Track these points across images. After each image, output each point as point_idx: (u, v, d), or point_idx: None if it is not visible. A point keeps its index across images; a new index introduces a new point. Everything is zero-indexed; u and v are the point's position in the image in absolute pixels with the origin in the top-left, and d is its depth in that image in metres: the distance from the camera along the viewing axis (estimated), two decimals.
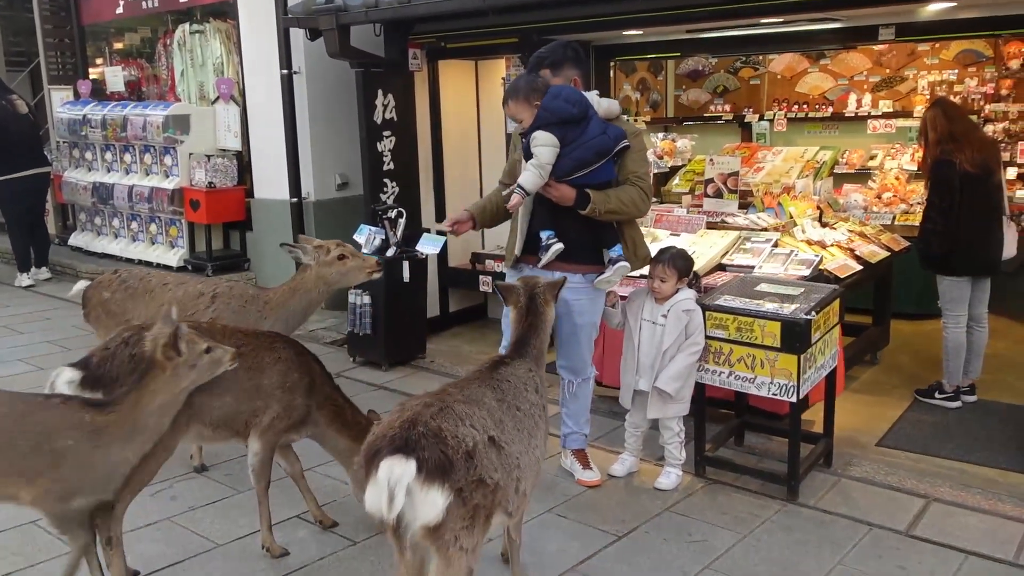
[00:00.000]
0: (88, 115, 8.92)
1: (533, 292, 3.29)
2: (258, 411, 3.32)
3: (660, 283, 4.02)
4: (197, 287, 4.26)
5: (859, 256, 5.34)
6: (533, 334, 3.21)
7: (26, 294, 8.32)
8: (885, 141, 8.01)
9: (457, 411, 2.51)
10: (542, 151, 3.71)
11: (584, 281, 3.96)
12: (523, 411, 2.81)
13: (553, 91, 3.79)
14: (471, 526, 2.40)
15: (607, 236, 3.93)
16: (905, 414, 5.02)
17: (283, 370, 3.35)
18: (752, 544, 3.57)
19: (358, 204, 7.00)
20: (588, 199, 3.76)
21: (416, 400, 2.57)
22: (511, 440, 2.64)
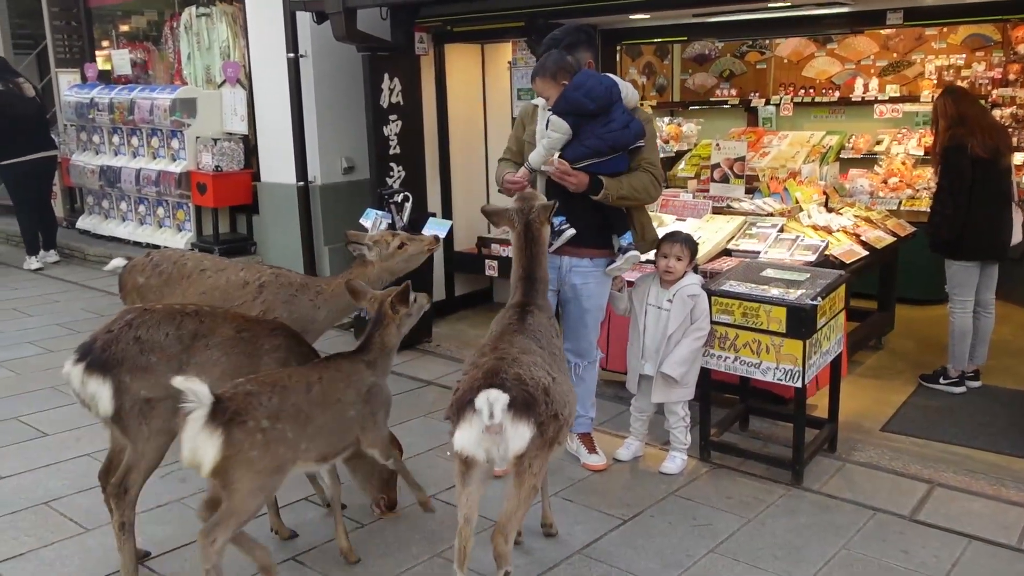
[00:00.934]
0: (95, 98, 8.92)
1: (528, 218, 3.36)
2: None
3: (676, 262, 4.03)
4: (240, 274, 4.17)
5: (865, 241, 5.35)
6: (536, 264, 3.35)
7: (35, 277, 8.36)
8: (892, 126, 7.98)
9: (524, 360, 2.85)
10: (554, 136, 3.79)
11: (592, 266, 4.00)
12: (557, 356, 3.16)
13: (577, 81, 3.79)
14: (543, 454, 2.78)
15: (617, 223, 3.96)
16: (909, 399, 5.04)
17: (280, 358, 3.30)
18: (757, 528, 3.61)
19: (364, 188, 7.00)
20: (601, 185, 3.79)
21: (484, 358, 2.89)
22: (562, 380, 2.97)
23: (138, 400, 3.02)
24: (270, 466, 2.81)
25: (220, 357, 3.21)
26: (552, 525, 3.55)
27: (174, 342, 3.13)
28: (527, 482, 2.76)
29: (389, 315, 3.31)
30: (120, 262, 4.60)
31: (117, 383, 2.99)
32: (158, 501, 3.84)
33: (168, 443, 3.15)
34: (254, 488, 2.80)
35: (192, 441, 2.67)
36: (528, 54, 6.40)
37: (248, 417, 2.75)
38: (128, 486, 3.07)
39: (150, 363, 3.05)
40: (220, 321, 3.29)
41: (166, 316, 3.19)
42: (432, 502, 3.53)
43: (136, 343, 3.06)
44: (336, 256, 7.29)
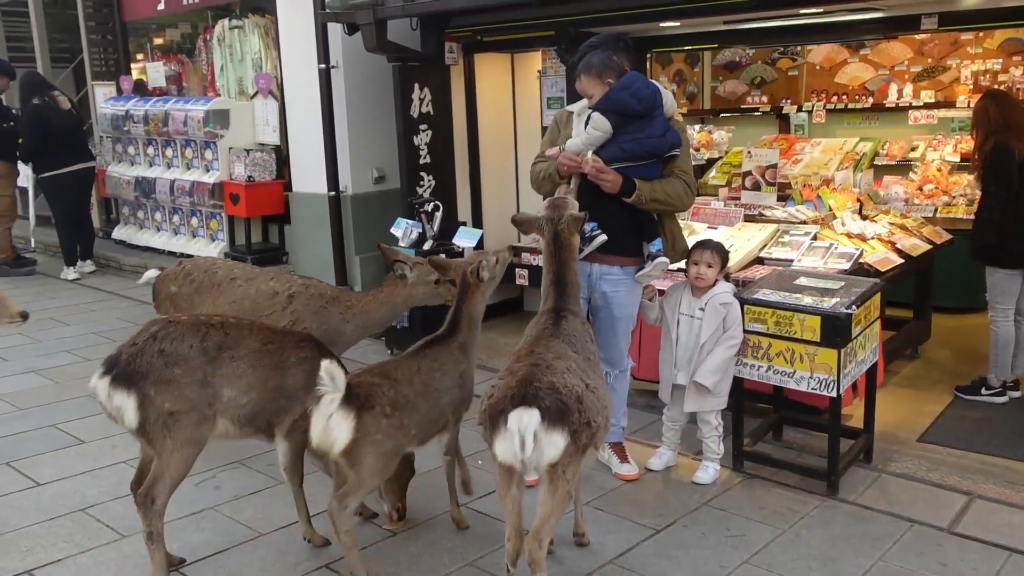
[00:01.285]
0: (131, 110, 9.07)
1: (557, 228, 3.38)
2: (281, 411, 3.31)
3: (707, 268, 4.01)
4: (269, 284, 4.22)
5: (900, 249, 5.28)
6: (567, 269, 3.36)
7: (72, 286, 8.49)
8: (927, 132, 7.88)
9: (558, 367, 2.88)
10: (592, 134, 3.81)
11: (623, 273, 3.99)
12: (592, 360, 3.17)
13: (625, 81, 3.82)
14: (576, 460, 2.82)
15: (647, 230, 3.95)
16: (947, 409, 4.96)
17: (307, 371, 3.29)
18: (791, 539, 3.56)
19: (395, 197, 7.04)
20: (634, 186, 3.80)
21: (519, 364, 2.92)
22: (597, 386, 2.98)
23: (162, 413, 3.04)
24: (390, 449, 3.11)
25: (246, 370, 3.22)
26: (584, 534, 3.54)
27: (199, 354, 3.13)
28: (560, 488, 2.79)
29: (473, 284, 3.48)
30: (153, 273, 4.67)
31: (142, 396, 3.01)
32: (192, 508, 3.88)
33: (194, 454, 3.17)
34: (377, 467, 3.09)
35: (325, 421, 2.92)
36: (557, 63, 6.41)
37: (375, 403, 3.04)
38: (155, 496, 3.08)
39: (174, 376, 3.07)
40: (246, 333, 3.30)
41: (191, 328, 3.19)
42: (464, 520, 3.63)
43: (160, 356, 3.07)
44: (367, 265, 7.34)
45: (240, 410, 3.22)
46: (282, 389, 3.30)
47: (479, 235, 6.02)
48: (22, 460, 4.42)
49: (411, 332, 5.99)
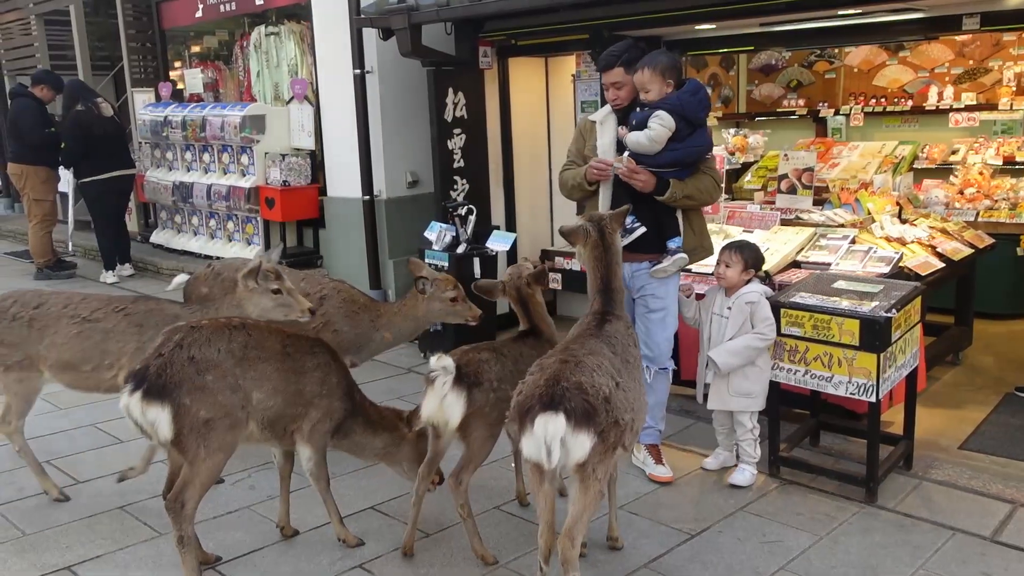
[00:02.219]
0: (169, 116, 9.20)
1: (601, 226, 3.38)
2: (298, 417, 3.33)
3: (724, 268, 4.08)
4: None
5: (941, 253, 5.19)
6: (612, 275, 3.36)
7: (111, 290, 8.62)
8: (968, 135, 7.74)
9: (589, 364, 2.88)
10: (659, 131, 3.85)
11: (651, 269, 4.08)
12: (631, 363, 3.15)
13: (694, 86, 3.96)
14: (606, 459, 2.82)
15: (669, 227, 4.04)
16: (990, 416, 4.85)
17: (321, 377, 3.37)
18: (829, 546, 3.50)
19: (428, 202, 7.07)
20: (667, 185, 3.90)
21: (550, 359, 2.94)
22: (629, 387, 2.99)
23: (198, 422, 3.02)
24: (498, 419, 3.25)
25: (272, 372, 3.22)
26: (618, 538, 3.52)
27: (227, 357, 3.12)
28: (592, 487, 2.80)
29: (528, 292, 3.71)
30: (183, 278, 4.72)
31: (177, 407, 2.98)
32: (227, 508, 3.91)
33: (225, 459, 3.18)
34: (487, 437, 3.32)
35: (440, 401, 3.13)
36: (592, 67, 6.39)
37: (483, 379, 3.27)
38: (184, 501, 3.05)
39: (207, 383, 3.04)
40: (266, 335, 3.31)
41: (215, 332, 3.16)
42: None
43: (191, 363, 3.03)
44: (400, 269, 7.36)
45: (266, 412, 3.23)
46: (301, 394, 3.31)
47: (512, 239, 6.02)
48: (63, 458, 4.49)
49: (444, 335, 6.00)
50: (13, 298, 3.93)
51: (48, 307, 3.89)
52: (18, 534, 3.71)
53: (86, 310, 3.88)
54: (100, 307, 3.89)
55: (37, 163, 8.82)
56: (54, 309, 3.88)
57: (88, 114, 8.59)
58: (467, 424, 3.23)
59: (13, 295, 3.96)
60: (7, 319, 3.84)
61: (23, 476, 4.27)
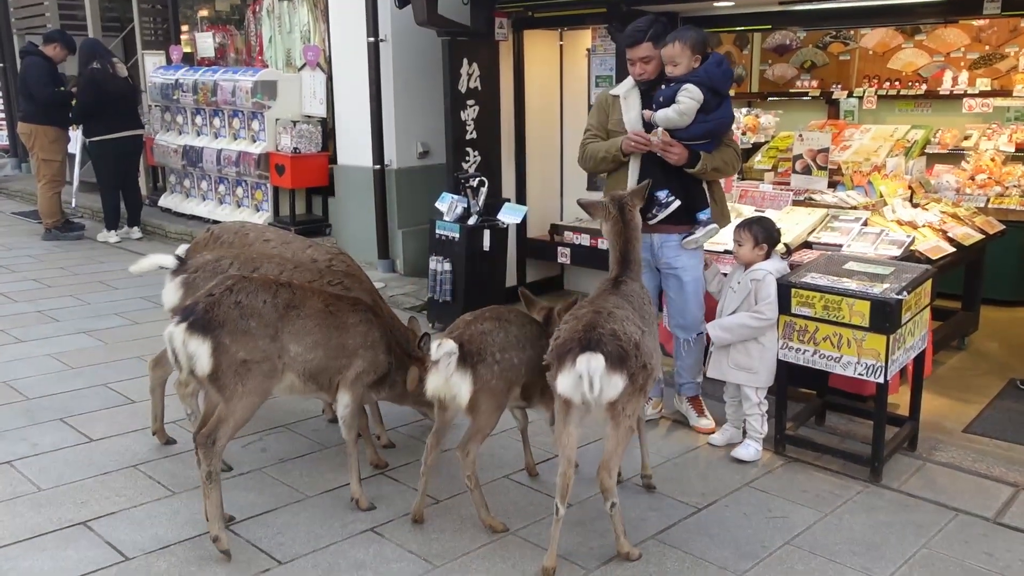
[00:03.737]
0: (180, 80, 9.17)
1: (622, 203, 3.53)
2: (342, 368, 3.48)
3: (737, 246, 4.18)
4: (307, 252, 4.30)
5: (952, 238, 5.20)
6: (631, 248, 3.54)
7: (119, 252, 8.64)
8: (981, 121, 7.71)
9: (618, 315, 3.15)
10: (689, 103, 3.95)
11: (679, 239, 4.22)
12: (647, 318, 3.37)
13: (718, 58, 4.05)
14: (634, 398, 3.09)
15: (698, 199, 4.17)
16: (994, 401, 4.89)
17: (364, 331, 3.53)
18: (833, 523, 3.55)
19: (439, 172, 7.07)
20: (699, 158, 4.02)
21: (584, 310, 3.21)
22: (649, 337, 3.24)
23: (236, 361, 3.17)
24: (504, 387, 3.36)
25: (313, 328, 3.38)
26: (651, 476, 3.82)
27: (271, 310, 3.28)
28: (623, 424, 3.08)
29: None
30: (184, 248, 4.65)
31: (217, 343, 3.13)
32: (240, 469, 3.96)
33: (259, 403, 3.31)
34: (494, 408, 3.37)
35: (446, 381, 3.20)
36: (608, 41, 6.37)
37: (487, 354, 3.30)
38: (216, 438, 3.18)
39: (249, 327, 3.21)
40: (310, 295, 3.46)
41: (263, 285, 3.35)
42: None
43: (237, 307, 3.22)
44: (409, 239, 7.39)
45: (307, 364, 3.37)
46: (344, 347, 3.47)
47: (524, 211, 6.04)
48: (75, 416, 4.53)
49: (453, 305, 6.03)
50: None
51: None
52: (33, 489, 3.76)
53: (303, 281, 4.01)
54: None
55: (47, 122, 8.80)
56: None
57: (103, 72, 8.57)
58: (474, 399, 3.29)
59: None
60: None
61: (37, 432, 4.33)
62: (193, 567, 3.18)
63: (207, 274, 3.88)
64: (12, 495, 3.70)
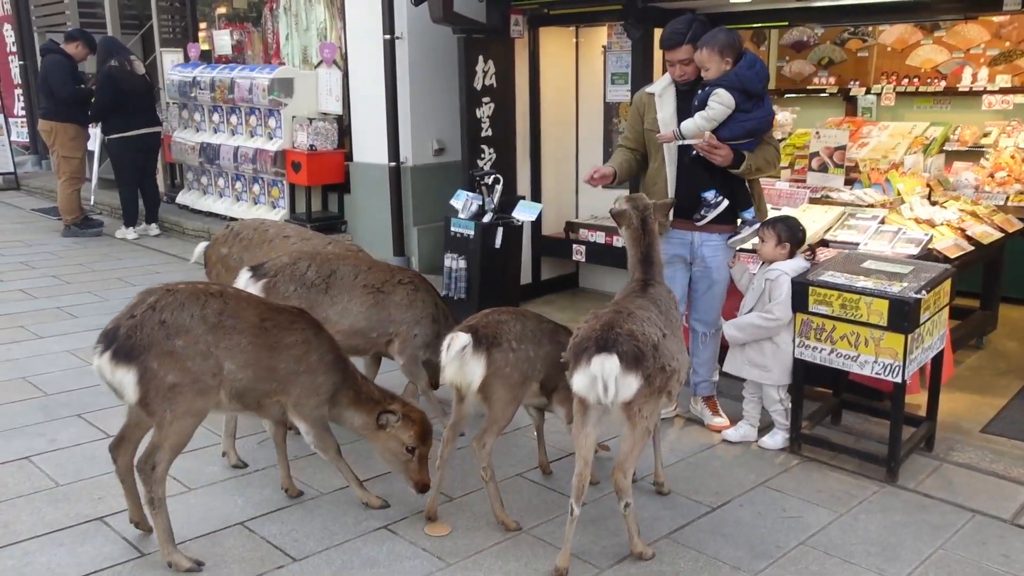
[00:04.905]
0: (197, 77, 9.22)
1: (644, 215, 3.56)
2: (273, 392, 3.26)
3: (760, 243, 4.20)
4: (328, 248, 4.33)
5: (970, 236, 5.15)
6: (652, 251, 3.55)
7: (137, 248, 8.71)
8: (1001, 118, 7.63)
9: (639, 316, 3.15)
10: (718, 109, 3.95)
11: (720, 240, 4.26)
12: (674, 322, 3.39)
13: (750, 59, 4.03)
14: (651, 400, 3.07)
15: (741, 199, 4.18)
16: (1012, 401, 4.85)
17: (299, 354, 3.26)
18: (849, 523, 3.53)
19: (454, 170, 7.08)
20: (743, 158, 4.06)
21: (605, 310, 3.21)
22: (673, 340, 3.24)
23: (164, 386, 2.98)
24: (519, 379, 3.36)
25: (245, 344, 3.13)
26: (664, 483, 3.77)
27: (199, 323, 3.04)
28: (639, 425, 3.08)
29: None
30: (203, 247, 4.76)
31: (143, 370, 2.94)
32: (255, 466, 3.98)
33: (195, 424, 3.12)
34: (509, 400, 3.37)
35: (460, 365, 3.23)
36: (623, 38, 6.35)
37: (502, 340, 3.31)
38: (155, 463, 3.06)
39: (176, 347, 2.98)
40: (244, 305, 3.21)
41: (190, 296, 3.09)
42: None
43: (162, 327, 2.98)
44: (424, 236, 7.40)
45: (234, 384, 3.15)
46: (274, 370, 3.22)
47: (539, 209, 6.02)
48: (93, 413, 4.57)
49: (467, 302, 6.03)
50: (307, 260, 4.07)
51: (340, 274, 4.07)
52: (51, 484, 3.80)
53: (377, 281, 4.10)
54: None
55: (67, 120, 8.88)
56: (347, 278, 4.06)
57: (121, 69, 8.64)
58: (488, 386, 3.31)
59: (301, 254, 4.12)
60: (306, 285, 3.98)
61: (55, 428, 4.37)
62: (208, 563, 3.20)
63: (286, 278, 3.93)
64: (30, 490, 3.74)
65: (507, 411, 3.40)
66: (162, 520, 3.13)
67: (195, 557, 3.19)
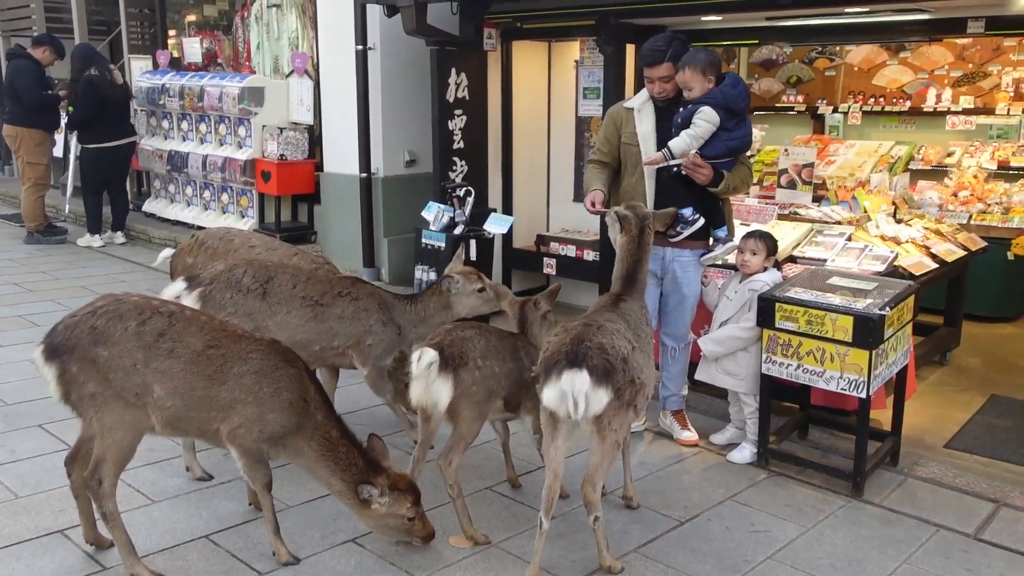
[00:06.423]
0: (166, 84, 9.14)
1: (643, 224, 3.61)
2: (212, 420, 3.04)
3: (751, 255, 4.25)
4: (293, 260, 4.27)
5: (934, 254, 5.24)
6: (639, 268, 3.59)
7: (102, 257, 8.58)
8: (964, 138, 7.80)
9: (609, 329, 3.16)
10: (704, 126, 3.99)
11: (692, 256, 4.31)
12: (643, 336, 3.39)
13: (733, 79, 4.10)
14: (620, 413, 3.08)
15: (715, 216, 4.24)
16: (974, 417, 4.93)
17: (249, 384, 3.02)
18: (816, 538, 3.56)
19: (425, 181, 7.07)
20: (722, 177, 4.11)
21: (575, 323, 3.21)
22: (642, 354, 3.25)
23: (84, 392, 2.90)
24: (484, 396, 3.35)
25: (177, 371, 2.95)
26: (632, 498, 3.77)
27: (131, 338, 2.89)
28: (609, 438, 3.07)
29: (532, 315, 3.73)
30: (168, 253, 4.72)
31: (62, 370, 2.88)
32: (220, 479, 3.92)
33: (129, 439, 3.00)
34: (475, 417, 3.35)
35: (426, 385, 3.20)
36: (595, 53, 6.40)
37: (468, 359, 3.30)
38: (100, 478, 2.99)
39: (98, 356, 2.87)
40: (193, 330, 3.00)
41: (134, 309, 2.96)
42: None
43: (91, 332, 2.87)
44: (395, 247, 7.38)
45: (164, 412, 2.99)
46: (212, 400, 3.00)
47: (510, 222, 6.04)
48: (53, 423, 4.47)
49: None
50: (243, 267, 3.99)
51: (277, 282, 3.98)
52: (11, 497, 3.72)
53: (315, 292, 3.99)
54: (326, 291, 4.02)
55: (33, 126, 8.76)
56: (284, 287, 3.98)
57: (102, 79, 8.55)
58: (455, 406, 3.29)
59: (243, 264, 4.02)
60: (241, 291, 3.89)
61: (16, 439, 4.28)
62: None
63: (222, 285, 3.86)
64: None
65: (473, 428, 3.39)
66: (120, 533, 3.08)
67: (158, 570, 3.14)
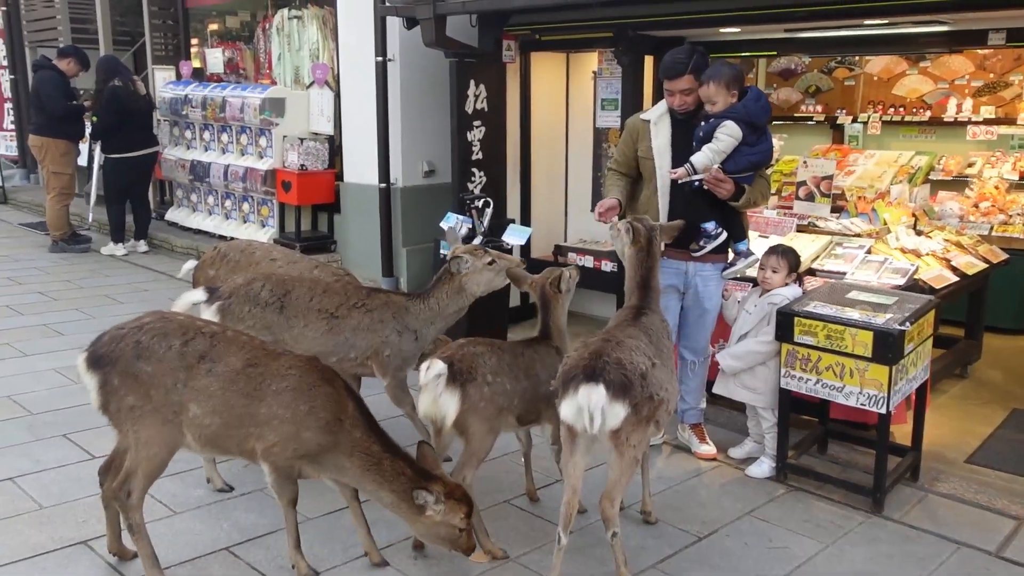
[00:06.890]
0: (189, 95, 9.23)
1: (651, 235, 3.65)
2: (250, 437, 3.07)
3: (772, 273, 4.26)
4: (313, 272, 4.30)
5: (955, 267, 5.21)
6: (652, 276, 3.63)
7: (125, 266, 8.67)
8: (985, 148, 7.74)
9: (629, 344, 3.18)
10: (726, 140, 3.99)
11: (713, 270, 4.30)
12: (664, 351, 3.41)
13: (755, 93, 4.10)
14: (639, 429, 3.09)
15: (736, 230, 4.24)
16: (996, 431, 4.89)
17: (287, 401, 3.03)
18: (835, 554, 3.55)
19: (443, 192, 7.10)
20: (743, 192, 4.11)
21: (595, 338, 3.24)
22: (662, 369, 3.27)
23: (124, 404, 2.98)
24: (494, 412, 3.34)
25: (216, 390, 3.01)
26: (651, 512, 3.78)
27: (175, 357, 2.99)
28: (627, 454, 3.08)
29: (552, 295, 3.70)
30: (191, 265, 4.77)
31: (104, 380, 2.97)
32: (242, 489, 3.96)
33: (163, 455, 3.07)
34: (486, 432, 3.35)
35: (434, 399, 3.23)
36: (614, 64, 6.41)
37: (477, 374, 3.30)
38: (130, 490, 3.07)
39: (140, 371, 2.96)
40: (233, 349, 3.07)
41: (178, 328, 3.06)
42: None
43: (135, 347, 2.98)
44: (413, 257, 7.41)
45: (203, 430, 3.04)
46: (252, 417, 3.03)
47: (528, 233, 6.05)
48: (79, 433, 4.54)
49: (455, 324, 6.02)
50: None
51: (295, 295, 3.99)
52: (35, 507, 3.77)
53: (331, 305, 3.99)
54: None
55: (58, 136, 8.88)
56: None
57: (126, 89, 8.67)
58: (464, 420, 3.30)
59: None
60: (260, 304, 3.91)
61: (40, 448, 4.34)
62: None
63: (240, 299, 3.89)
64: (13, 512, 3.72)
65: (484, 443, 3.38)
66: (144, 545, 3.13)
67: None
